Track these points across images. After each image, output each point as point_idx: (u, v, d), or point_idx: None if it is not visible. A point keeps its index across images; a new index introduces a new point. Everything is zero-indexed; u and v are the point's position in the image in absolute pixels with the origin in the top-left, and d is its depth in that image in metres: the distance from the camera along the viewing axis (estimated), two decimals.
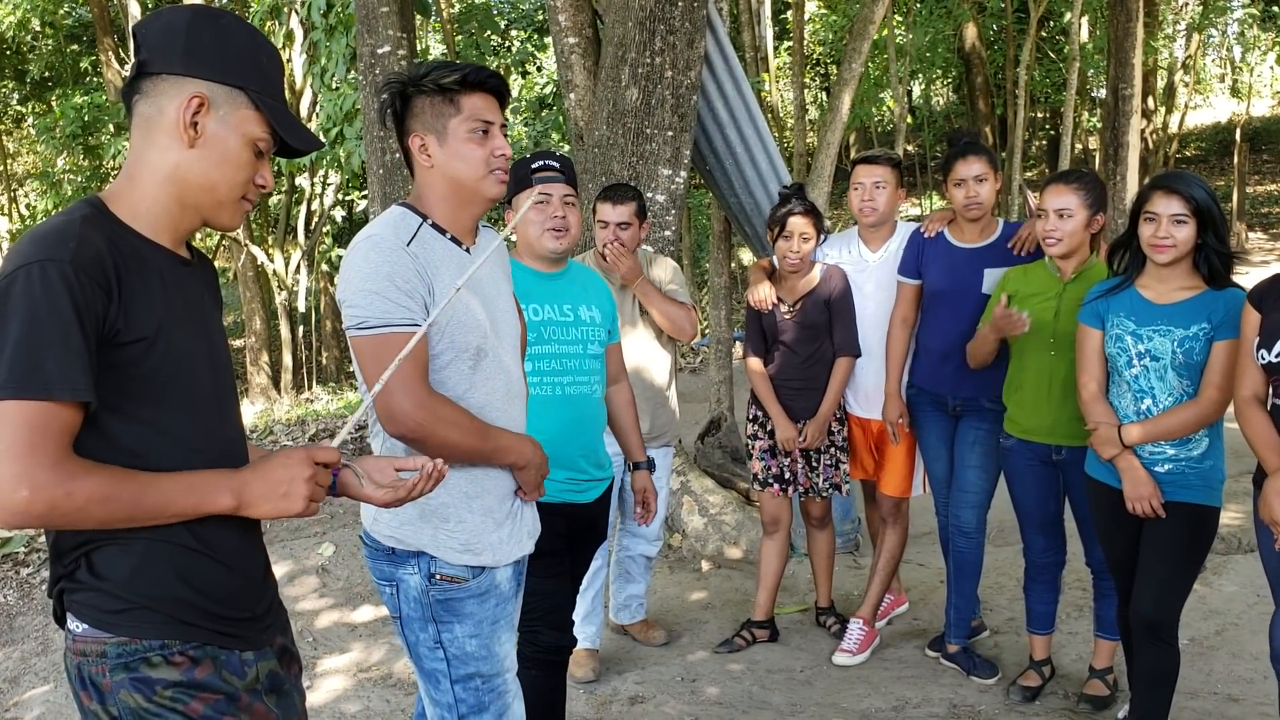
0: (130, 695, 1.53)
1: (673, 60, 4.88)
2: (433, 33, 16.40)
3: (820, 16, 19.71)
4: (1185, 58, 20.09)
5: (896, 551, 4.17)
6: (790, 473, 4.07)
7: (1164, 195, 2.95)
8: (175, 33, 1.56)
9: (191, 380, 1.58)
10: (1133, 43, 9.85)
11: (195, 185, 1.59)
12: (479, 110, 2.12)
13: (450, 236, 2.17)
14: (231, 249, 15.57)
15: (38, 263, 1.40)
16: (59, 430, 1.40)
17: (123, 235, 1.53)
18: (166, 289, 1.56)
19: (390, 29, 5.76)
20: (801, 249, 3.88)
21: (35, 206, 16.21)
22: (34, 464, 1.37)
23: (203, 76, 1.56)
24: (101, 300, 1.44)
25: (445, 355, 2.12)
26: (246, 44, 1.61)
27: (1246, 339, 2.77)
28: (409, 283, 2.04)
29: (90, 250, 1.44)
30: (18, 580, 4.92)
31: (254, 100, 1.60)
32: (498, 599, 2.24)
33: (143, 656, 1.53)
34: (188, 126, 1.55)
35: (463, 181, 2.14)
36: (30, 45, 16.88)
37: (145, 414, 1.52)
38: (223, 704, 1.58)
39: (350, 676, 4.00)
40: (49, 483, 1.38)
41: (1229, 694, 3.70)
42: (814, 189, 6.72)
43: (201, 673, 1.57)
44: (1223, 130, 23.01)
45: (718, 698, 3.81)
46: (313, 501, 1.59)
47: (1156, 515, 3.03)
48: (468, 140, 2.12)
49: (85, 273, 1.42)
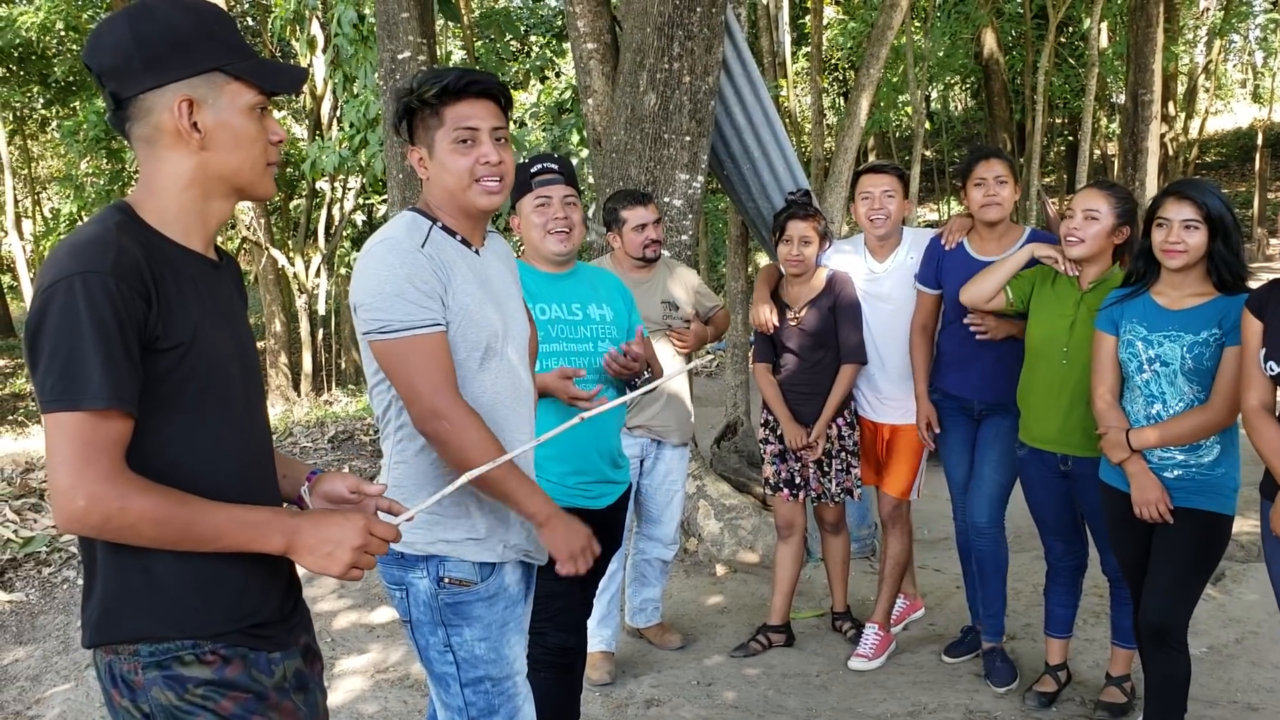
0: (162, 693, 1.55)
1: (691, 66, 4.89)
2: (453, 38, 16.47)
3: (839, 22, 19.70)
4: (1206, 63, 19.98)
5: (901, 556, 4.17)
6: (801, 478, 4.07)
7: (1176, 201, 2.96)
8: (127, 50, 1.53)
9: (225, 383, 1.60)
10: (1153, 48, 9.81)
11: (221, 177, 1.60)
12: (462, 118, 2.11)
13: (460, 239, 2.19)
14: (253, 252, 15.67)
15: (79, 275, 1.42)
16: (110, 442, 1.43)
17: (156, 242, 1.54)
18: (200, 293, 1.57)
19: (410, 35, 5.80)
20: (802, 252, 3.89)
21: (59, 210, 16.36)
22: (90, 476, 1.41)
23: (176, 78, 1.54)
24: (141, 309, 1.45)
25: (457, 354, 2.13)
26: (193, 22, 1.56)
27: (1250, 347, 2.76)
28: (427, 284, 2.06)
29: (129, 259, 1.46)
30: (40, 579, 4.97)
31: (231, 73, 1.58)
32: (506, 602, 2.25)
33: (175, 655, 1.55)
34: (190, 132, 1.55)
35: (449, 188, 2.15)
36: (54, 49, 17.02)
37: (181, 419, 1.54)
38: (252, 703, 1.60)
39: (368, 677, 4.03)
40: (104, 495, 1.41)
41: (1248, 703, 3.68)
42: (831, 194, 6.72)
43: (232, 671, 1.58)
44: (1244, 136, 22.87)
45: (733, 702, 3.81)
46: (355, 569, 1.60)
47: (1165, 520, 3.03)
48: (451, 151, 2.12)
49: (125, 282, 1.43)
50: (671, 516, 4.15)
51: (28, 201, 20.01)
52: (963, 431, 3.92)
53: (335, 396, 13.91)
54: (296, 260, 15.73)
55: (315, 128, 14.15)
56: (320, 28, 10.68)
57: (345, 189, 15.53)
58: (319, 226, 16.03)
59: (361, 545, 1.59)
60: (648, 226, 3.89)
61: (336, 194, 15.67)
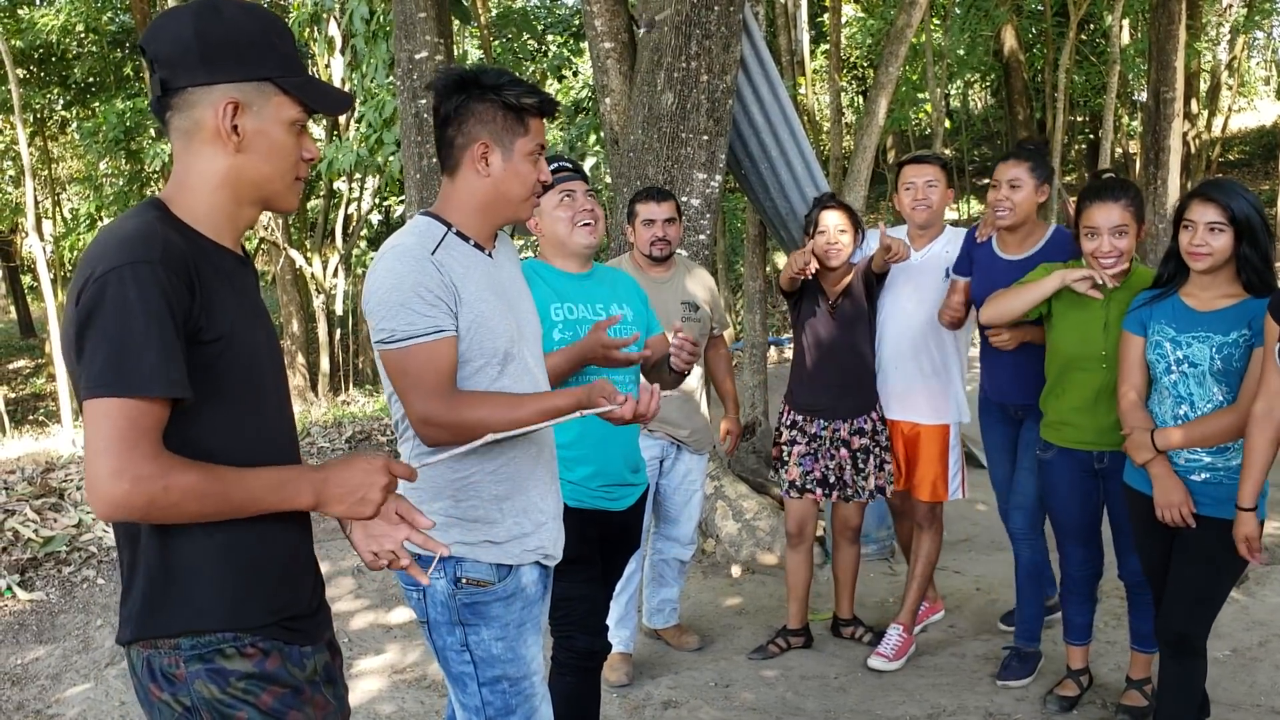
0: (205, 685, 1.57)
1: (708, 65, 4.88)
2: (470, 38, 16.49)
3: (857, 20, 19.64)
4: (1229, 60, 19.81)
5: (933, 556, 4.14)
6: (835, 476, 4.03)
7: (1201, 203, 2.93)
8: (186, 43, 1.55)
9: (259, 377, 1.63)
10: (1174, 45, 9.72)
11: (251, 183, 1.62)
12: (540, 135, 2.19)
13: (473, 243, 2.19)
14: (270, 252, 15.73)
15: (129, 265, 1.44)
16: (153, 426, 1.45)
17: (192, 237, 1.56)
18: (234, 288, 1.60)
19: (428, 34, 5.80)
20: (839, 240, 3.86)
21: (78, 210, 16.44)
22: (135, 458, 1.43)
23: (228, 80, 1.56)
24: (186, 299, 1.48)
25: (475, 361, 2.14)
26: (256, 30, 1.59)
27: (1269, 350, 2.74)
28: (433, 292, 2.06)
29: (175, 250, 1.49)
30: (60, 579, 4.99)
31: (281, 86, 1.60)
32: (524, 602, 2.25)
33: (217, 648, 1.57)
34: (229, 134, 1.57)
35: (510, 199, 2.19)
36: (74, 51, 17.13)
37: (219, 411, 1.56)
38: (289, 696, 1.63)
39: (385, 677, 4.03)
40: (149, 476, 1.43)
41: (1272, 706, 3.64)
42: (850, 193, 6.69)
43: (271, 664, 1.61)
44: (1268, 134, 22.66)
45: (752, 704, 3.79)
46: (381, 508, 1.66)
47: (1187, 524, 2.99)
48: (527, 162, 2.17)
49: (174, 273, 1.46)
50: (690, 517, 4.13)
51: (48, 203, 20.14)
52: (998, 430, 3.92)
53: (352, 397, 13.95)
54: (314, 260, 15.77)
55: (333, 128, 14.19)
56: (338, 28, 10.71)
57: (362, 189, 15.57)
58: (336, 227, 16.07)
59: (387, 484, 1.65)
60: (656, 223, 3.87)
61: (354, 194, 15.71)
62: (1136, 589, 3.53)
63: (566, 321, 2.88)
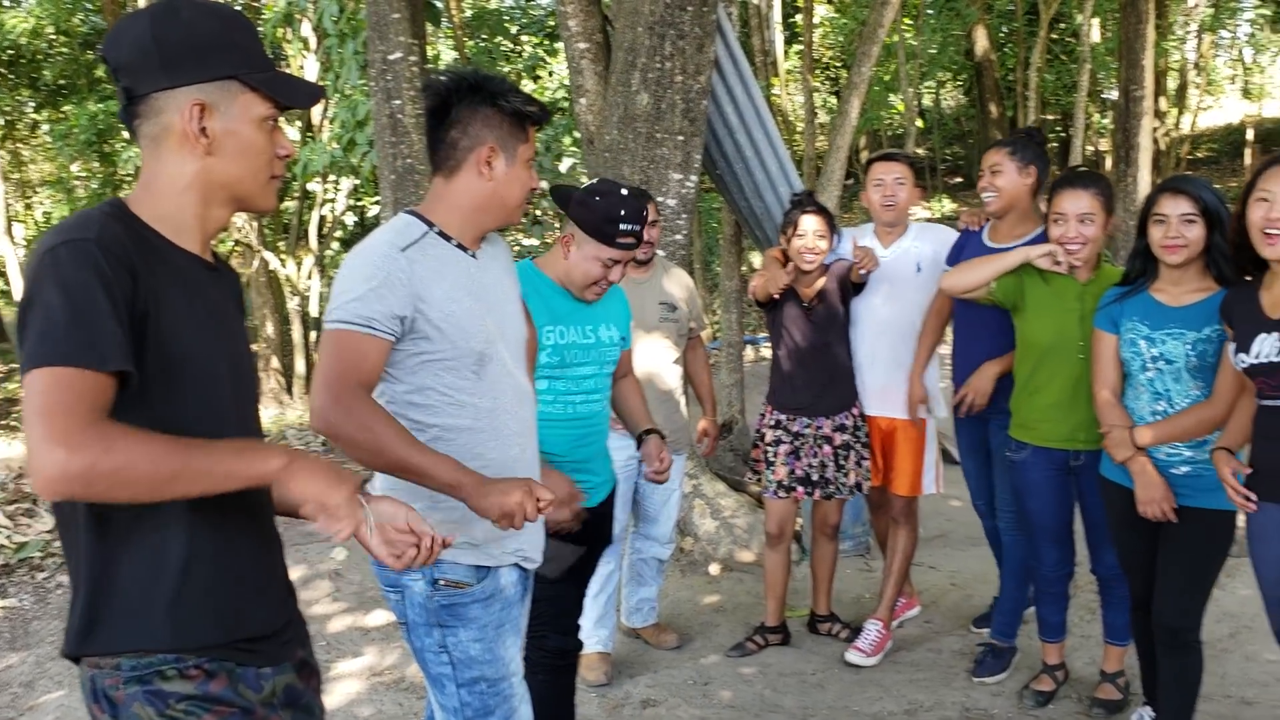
0: (143, 708, 1.50)
1: (683, 65, 4.89)
2: (444, 38, 16.45)
3: (830, 20, 19.71)
4: (1196, 59, 20.01)
5: (910, 551, 4.18)
6: (818, 474, 4.04)
7: (1171, 196, 2.95)
8: (145, 48, 1.51)
9: (210, 382, 1.56)
10: (1144, 44, 9.81)
11: (221, 185, 1.58)
12: (534, 143, 2.23)
13: (456, 244, 2.19)
14: (245, 254, 15.62)
15: (64, 243, 1.41)
16: (91, 396, 1.37)
17: (144, 233, 1.52)
18: (188, 288, 1.54)
19: (401, 35, 5.77)
20: (817, 245, 3.88)
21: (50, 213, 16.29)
22: (71, 423, 1.33)
23: (191, 81, 1.52)
24: (127, 281, 1.43)
25: (447, 359, 2.14)
26: (216, 28, 1.55)
27: (1228, 349, 2.79)
28: (390, 287, 2.05)
29: (112, 233, 1.44)
30: (34, 584, 4.95)
31: (247, 82, 1.57)
32: (502, 603, 2.25)
33: (156, 669, 1.50)
34: (197, 136, 1.53)
35: (507, 204, 2.21)
36: (45, 53, 16.96)
37: (160, 411, 1.48)
38: (237, 717, 1.55)
39: (363, 680, 4.02)
40: (85, 442, 1.33)
41: (1243, 697, 3.68)
42: (824, 193, 6.72)
43: (216, 686, 1.54)
44: (1234, 131, 22.88)
45: (730, 701, 3.81)
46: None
47: (1169, 519, 3.02)
48: (526, 168, 2.20)
49: (110, 251, 1.42)
50: (668, 516, 4.15)
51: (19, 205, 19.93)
52: (969, 427, 3.96)
53: None
54: (288, 262, 15.67)
55: (306, 129, 14.11)
56: (312, 29, 10.65)
57: (336, 190, 15.48)
58: (310, 228, 15.97)
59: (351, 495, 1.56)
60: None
61: (328, 195, 15.63)
62: (1110, 583, 3.55)
63: (556, 346, 2.86)
